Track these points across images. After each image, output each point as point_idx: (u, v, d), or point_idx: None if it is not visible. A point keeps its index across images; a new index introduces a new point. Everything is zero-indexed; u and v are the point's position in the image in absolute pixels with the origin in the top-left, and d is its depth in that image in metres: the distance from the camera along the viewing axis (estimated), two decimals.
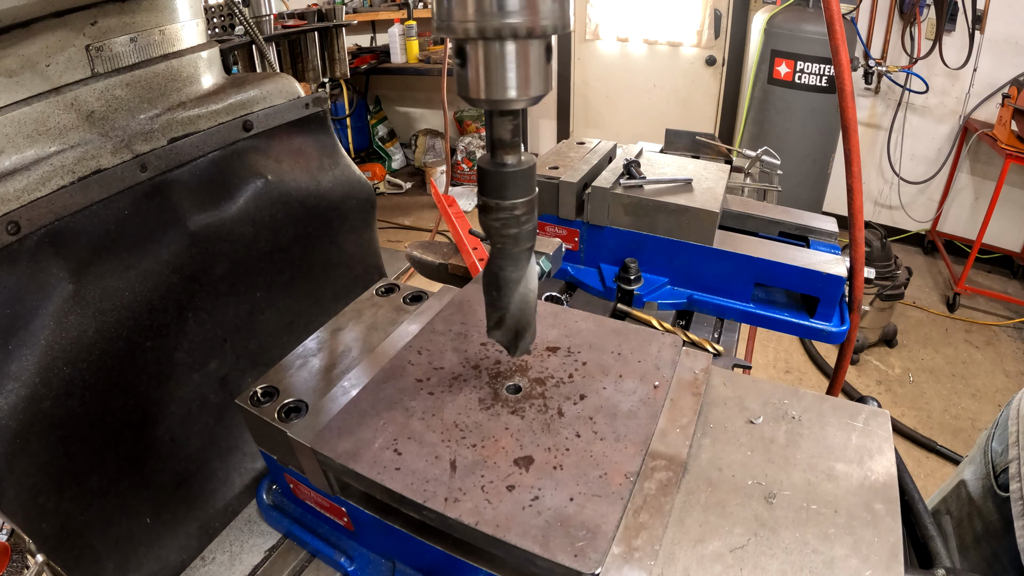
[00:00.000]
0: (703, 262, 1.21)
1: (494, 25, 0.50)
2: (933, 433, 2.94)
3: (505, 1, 0.49)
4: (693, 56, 5.07)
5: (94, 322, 0.79)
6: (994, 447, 0.97)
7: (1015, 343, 3.64)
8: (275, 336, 1.07)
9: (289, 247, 1.08)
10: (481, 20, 0.49)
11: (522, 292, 0.66)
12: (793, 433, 0.69)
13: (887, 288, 3.31)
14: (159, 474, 0.87)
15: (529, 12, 0.50)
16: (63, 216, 0.78)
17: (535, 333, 0.71)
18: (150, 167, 0.89)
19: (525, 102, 0.55)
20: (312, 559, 0.81)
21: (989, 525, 0.94)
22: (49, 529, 0.72)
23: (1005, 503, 0.92)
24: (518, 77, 0.53)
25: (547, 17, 0.50)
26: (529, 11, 0.50)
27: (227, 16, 3.02)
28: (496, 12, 0.49)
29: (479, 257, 1.10)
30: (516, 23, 0.50)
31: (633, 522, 0.57)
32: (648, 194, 1.22)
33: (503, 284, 0.65)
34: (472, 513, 0.57)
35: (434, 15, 0.53)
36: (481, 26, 0.50)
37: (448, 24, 0.51)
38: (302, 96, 1.12)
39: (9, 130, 0.78)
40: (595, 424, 0.67)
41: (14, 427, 0.68)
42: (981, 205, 4.27)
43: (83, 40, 0.84)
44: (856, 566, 0.55)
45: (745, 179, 1.64)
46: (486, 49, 0.52)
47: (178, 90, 0.97)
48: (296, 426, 0.70)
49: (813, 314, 1.17)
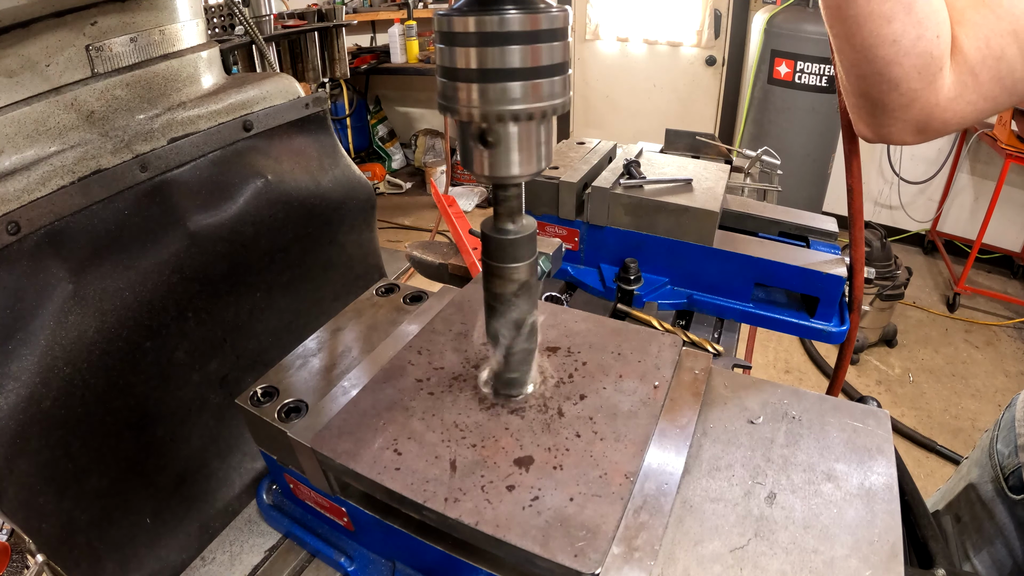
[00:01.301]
0: (703, 262, 1.21)
1: (497, 111, 0.52)
2: (933, 433, 2.94)
3: (508, 87, 0.51)
4: (693, 56, 5.07)
5: (94, 322, 0.79)
6: (999, 449, 0.97)
7: (1015, 343, 3.64)
8: (275, 336, 1.07)
9: (289, 247, 1.08)
10: (485, 105, 0.52)
11: (522, 346, 0.67)
12: (793, 433, 0.69)
13: (887, 288, 3.31)
14: (159, 474, 0.87)
15: (531, 97, 0.52)
16: (63, 216, 0.78)
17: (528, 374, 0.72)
18: (150, 167, 0.89)
19: (527, 176, 0.58)
20: (312, 559, 0.81)
21: (1001, 527, 0.94)
22: (49, 529, 0.72)
23: (1016, 505, 0.92)
24: (521, 156, 0.56)
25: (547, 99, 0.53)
26: (532, 96, 0.52)
27: (227, 16, 3.02)
28: (500, 98, 0.51)
29: (479, 257, 1.10)
30: (518, 109, 0.52)
31: (633, 522, 0.57)
32: (648, 194, 1.22)
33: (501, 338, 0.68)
34: (472, 513, 0.57)
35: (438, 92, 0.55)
36: (485, 111, 0.52)
37: (453, 107, 0.53)
38: (302, 96, 1.12)
39: (9, 130, 0.78)
40: (595, 424, 0.67)
41: (14, 427, 0.68)
42: (981, 205, 4.27)
43: (83, 40, 0.84)
44: (856, 566, 0.55)
45: (745, 179, 1.64)
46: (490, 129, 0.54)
47: (178, 90, 0.97)
48: (296, 426, 0.70)
49: (813, 314, 1.17)
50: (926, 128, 0.72)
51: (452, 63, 0.52)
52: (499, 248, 0.62)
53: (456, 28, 0.50)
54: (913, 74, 0.67)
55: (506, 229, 0.61)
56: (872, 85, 0.70)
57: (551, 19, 0.51)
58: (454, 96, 0.53)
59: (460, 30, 0.50)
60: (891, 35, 0.65)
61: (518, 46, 0.50)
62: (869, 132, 0.77)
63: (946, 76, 0.68)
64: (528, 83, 0.51)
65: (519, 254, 0.62)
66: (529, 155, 0.56)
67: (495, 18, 0.49)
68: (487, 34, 0.50)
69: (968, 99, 0.69)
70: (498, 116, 0.52)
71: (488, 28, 0.49)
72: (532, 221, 0.63)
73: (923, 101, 0.69)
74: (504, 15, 0.49)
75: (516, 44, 0.50)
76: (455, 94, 0.52)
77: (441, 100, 0.55)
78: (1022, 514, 0.91)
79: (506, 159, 0.55)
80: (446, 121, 3.23)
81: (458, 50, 0.51)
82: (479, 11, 0.49)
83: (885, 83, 0.69)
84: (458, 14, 0.50)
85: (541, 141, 0.56)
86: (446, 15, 0.51)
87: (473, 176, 0.58)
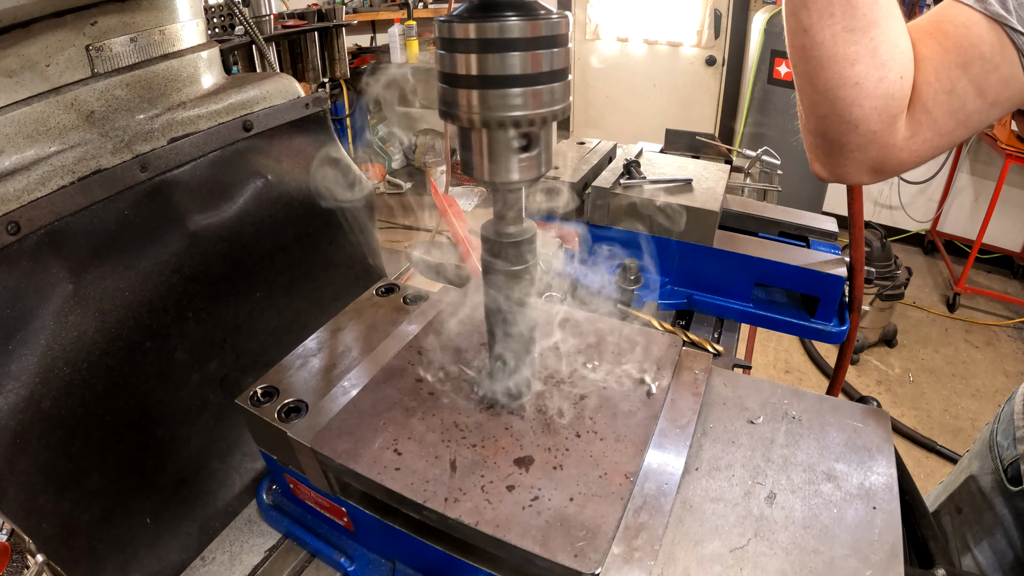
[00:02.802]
0: (703, 262, 1.20)
1: (497, 116, 0.52)
2: (933, 433, 2.94)
3: (508, 94, 0.51)
4: (693, 56, 5.07)
5: (94, 322, 0.78)
6: (999, 441, 0.97)
7: (1015, 343, 3.64)
8: (275, 336, 1.07)
9: (289, 247, 1.08)
10: (486, 111, 0.52)
11: (520, 343, 0.67)
12: (793, 433, 0.69)
13: (887, 288, 3.31)
14: (159, 474, 0.87)
15: (531, 103, 0.52)
16: (63, 216, 0.78)
17: (530, 384, 0.72)
18: (150, 167, 0.89)
19: (527, 183, 0.58)
20: (312, 559, 0.81)
21: (1000, 518, 0.95)
22: (49, 529, 0.72)
23: (1015, 497, 0.92)
24: (520, 161, 0.56)
25: (547, 106, 0.53)
26: (532, 102, 0.52)
27: (227, 16, 3.02)
28: (500, 104, 0.52)
29: (479, 257, 1.10)
30: (518, 115, 0.52)
31: (633, 522, 0.57)
32: (648, 194, 1.22)
33: (500, 337, 0.68)
34: (472, 513, 0.57)
35: (438, 99, 0.56)
36: (485, 117, 0.52)
37: (454, 113, 0.54)
38: (302, 96, 1.12)
39: (9, 130, 0.77)
40: (595, 424, 0.67)
41: (14, 427, 0.68)
42: (981, 205, 4.27)
43: (83, 40, 0.84)
44: (856, 566, 0.55)
45: (745, 179, 1.64)
46: (490, 137, 0.55)
47: (178, 90, 0.97)
48: (296, 426, 0.70)
49: (813, 314, 1.17)
50: (882, 168, 0.73)
51: (453, 70, 0.52)
52: (500, 251, 0.62)
53: (457, 35, 0.51)
54: (873, 116, 0.67)
55: (507, 233, 0.62)
56: (831, 126, 0.70)
57: (551, 26, 0.51)
58: (454, 102, 0.53)
59: (461, 36, 0.50)
60: (854, 77, 0.65)
61: (519, 52, 0.50)
62: (825, 171, 0.78)
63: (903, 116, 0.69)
64: (528, 90, 0.51)
65: (519, 257, 0.63)
66: (528, 162, 0.56)
67: (495, 25, 0.49)
68: (488, 41, 0.50)
69: (924, 137, 0.70)
70: (499, 122, 0.52)
71: (489, 35, 0.50)
72: (532, 224, 0.64)
73: (881, 142, 0.70)
74: (504, 22, 0.49)
75: (517, 51, 0.50)
76: (455, 100, 0.53)
77: (441, 106, 0.55)
78: (1020, 505, 0.92)
79: (506, 164, 0.56)
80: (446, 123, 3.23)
81: (459, 56, 0.51)
82: (480, 18, 0.49)
83: (845, 124, 0.69)
84: (459, 21, 0.50)
85: (540, 148, 0.57)
86: (447, 21, 0.51)
87: (475, 181, 0.59)
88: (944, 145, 0.71)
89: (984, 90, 0.66)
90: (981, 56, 0.64)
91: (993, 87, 0.65)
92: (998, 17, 0.63)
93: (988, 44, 0.64)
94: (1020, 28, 0.62)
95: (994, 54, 0.64)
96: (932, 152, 0.72)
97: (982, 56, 0.64)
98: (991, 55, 0.64)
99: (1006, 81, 0.65)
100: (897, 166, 0.72)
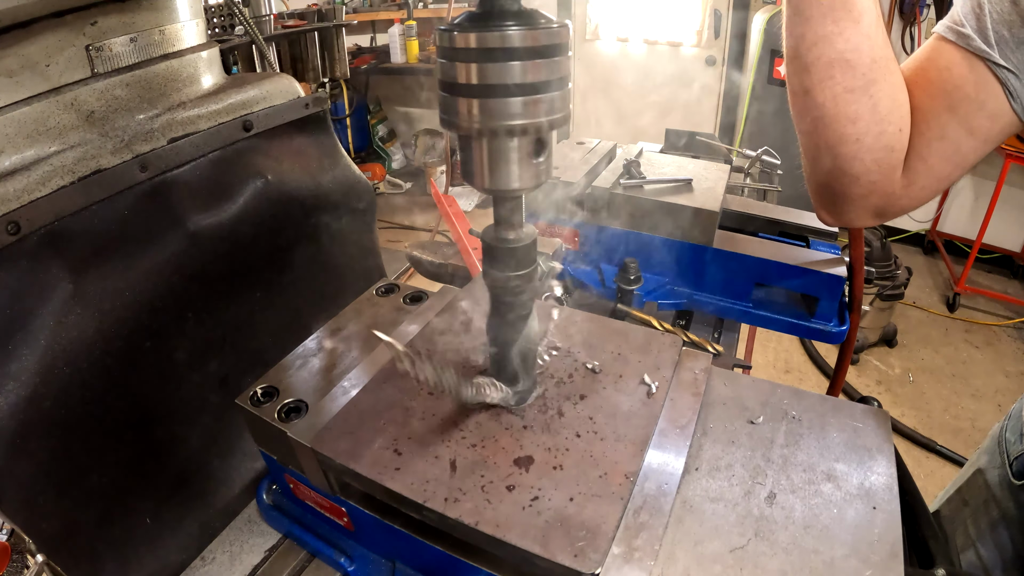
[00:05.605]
0: (703, 262, 1.20)
1: (495, 125, 0.52)
2: (933, 433, 2.93)
3: (508, 103, 0.51)
4: (693, 56, 5.07)
5: (94, 322, 0.78)
6: (1008, 437, 0.98)
7: (1015, 343, 3.64)
8: (275, 336, 1.07)
9: (289, 247, 1.08)
10: (486, 120, 0.52)
11: (521, 348, 0.68)
12: (793, 433, 0.69)
13: (887, 288, 3.31)
14: (159, 474, 0.87)
15: (531, 112, 0.52)
16: (63, 216, 0.78)
17: (533, 383, 0.72)
18: (150, 167, 0.89)
19: (528, 190, 0.59)
20: (312, 559, 0.81)
21: (1005, 512, 0.96)
22: (49, 529, 0.72)
23: (1020, 492, 0.93)
24: (520, 169, 0.56)
25: (547, 114, 0.53)
26: (531, 111, 0.52)
27: (227, 16, 3.02)
28: (500, 113, 0.52)
29: (479, 257, 1.10)
30: (516, 124, 0.52)
31: (633, 522, 0.57)
32: (648, 194, 1.22)
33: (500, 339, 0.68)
34: (472, 513, 0.57)
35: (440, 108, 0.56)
36: (485, 126, 0.53)
37: (454, 122, 0.54)
38: (302, 96, 1.12)
39: (9, 130, 0.77)
40: (595, 424, 0.67)
41: (14, 427, 0.68)
42: (981, 205, 4.27)
43: (83, 40, 0.84)
44: (856, 566, 0.55)
45: (745, 179, 1.64)
46: (490, 145, 0.55)
47: (178, 90, 0.97)
48: (296, 426, 0.70)
49: (813, 314, 1.17)
50: (884, 213, 0.76)
51: (453, 78, 0.52)
52: (500, 256, 0.63)
53: (458, 44, 0.51)
54: (874, 168, 0.69)
55: (507, 238, 0.62)
56: (834, 178, 0.73)
57: (551, 35, 0.51)
58: (455, 110, 0.53)
59: (461, 46, 0.51)
60: (855, 134, 0.67)
61: (519, 62, 0.50)
62: (831, 218, 0.81)
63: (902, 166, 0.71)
64: (529, 99, 0.52)
65: (520, 262, 0.63)
66: (528, 170, 0.57)
67: (496, 34, 0.49)
68: (488, 50, 0.50)
69: (921, 184, 0.72)
70: (497, 130, 0.52)
71: (490, 44, 0.50)
72: (532, 229, 0.64)
73: (881, 191, 0.72)
74: (504, 31, 0.49)
75: (517, 60, 0.50)
76: (456, 108, 0.53)
77: (441, 115, 0.55)
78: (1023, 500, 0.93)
79: (506, 171, 0.56)
80: None
81: (459, 65, 0.51)
82: (480, 28, 0.50)
83: (847, 177, 0.71)
84: (459, 30, 0.50)
85: (540, 156, 0.57)
86: (447, 30, 0.51)
87: (475, 188, 0.59)
88: (944, 187, 0.74)
89: (974, 129, 0.67)
90: (966, 97, 0.66)
91: (983, 125, 0.67)
92: (980, 52, 0.64)
93: (971, 84, 0.65)
94: (1002, 62, 0.63)
95: (978, 92, 0.65)
96: (932, 195, 0.75)
97: (967, 97, 0.66)
98: (975, 94, 0.65)
99: (994, 117, 0.66)
100: (899, 211, 0.75)
